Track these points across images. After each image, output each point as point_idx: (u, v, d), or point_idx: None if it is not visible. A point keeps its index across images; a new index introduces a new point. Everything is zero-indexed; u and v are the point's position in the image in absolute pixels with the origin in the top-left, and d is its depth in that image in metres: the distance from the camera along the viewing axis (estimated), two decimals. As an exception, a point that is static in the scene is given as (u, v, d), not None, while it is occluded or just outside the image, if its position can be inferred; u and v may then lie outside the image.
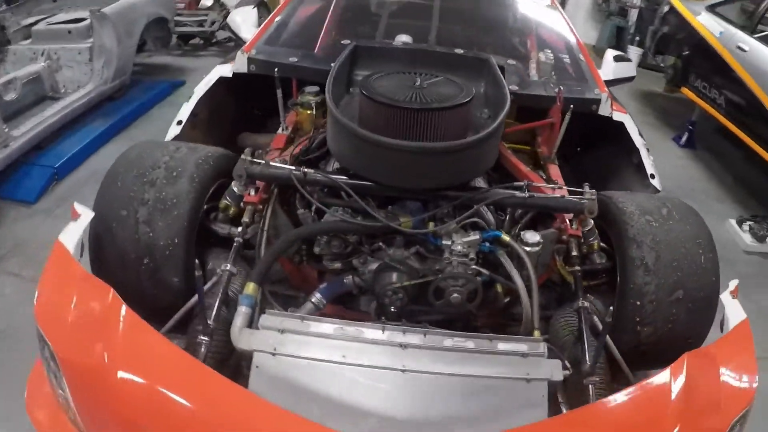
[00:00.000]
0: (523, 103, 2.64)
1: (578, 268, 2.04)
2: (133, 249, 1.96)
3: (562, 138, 2.56)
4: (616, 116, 2.81)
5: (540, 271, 2.08)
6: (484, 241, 1.95)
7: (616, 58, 3.19)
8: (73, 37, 4.63)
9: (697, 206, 2.30)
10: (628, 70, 3.22)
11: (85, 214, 1.81)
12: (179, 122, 2.72)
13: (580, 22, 8.01)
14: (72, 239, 1.69)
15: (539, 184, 2.16)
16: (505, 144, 2.46)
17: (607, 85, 2.90)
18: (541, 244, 1.98)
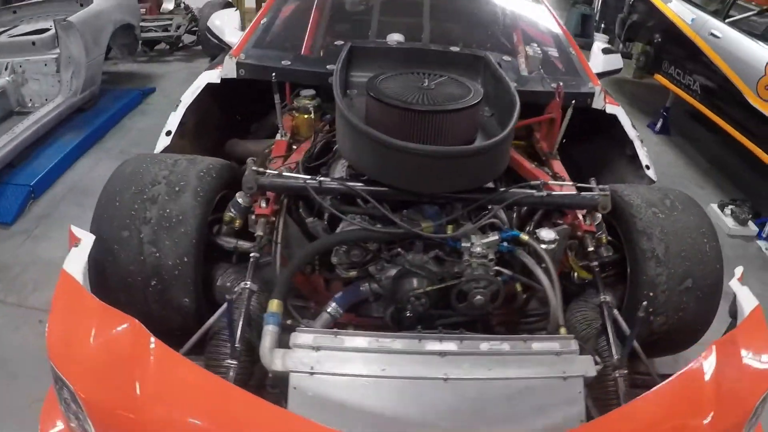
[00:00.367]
0: (522, 100, 2.63)
1: (596, 263, 2.06)
2: (139, 271, 1.88)
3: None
4: (609, 109, 2.85)
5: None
6: (503, 241, 1.94)
7: (605, 51, 3.22)
8: (37, 48, 4.41)
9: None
10: (616, 62, 3.26)
11: (86, 238, 1.71)
12: (168, 133, 2.60)
13: (546, 11, 8.08)
14: (78, 267, 1.59)
15: (552, 182, 2.17)
16: None
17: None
18: (557, 241, 1.99)
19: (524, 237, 1.95)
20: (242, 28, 3.32)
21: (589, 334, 1.94)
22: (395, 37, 2.75)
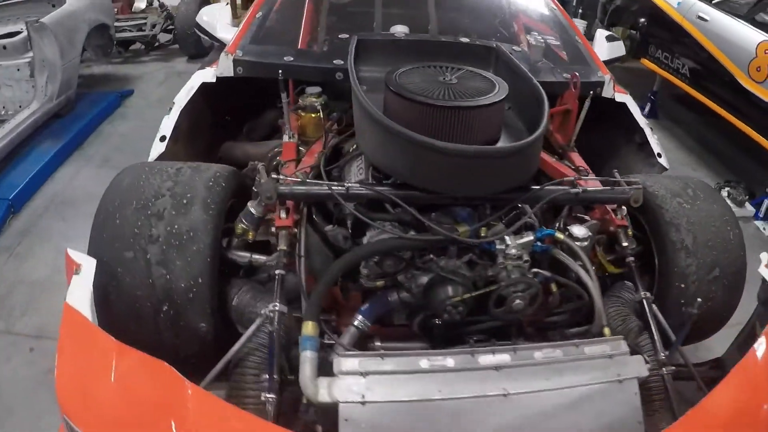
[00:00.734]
0: None
1: (632, 259, 2.01)
2: (148, 296, 1.73)
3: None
4: (619, 97, 2.81)
5: None
6: (537, 241, 1.86)
7: (608, 38, 3.16)
8: (9, 52, 4.19)
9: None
10: (619, 49, 3.22)
11: (87, 263, 1.55)
12: (162, 138, 2.44)
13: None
14: (83, 300, 1.43)
15: (585, 178, 2.12)
16: None
17: None
18: (590, 238, 1.93)
19: (560, 235, 1.88)
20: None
21: (625, 329, 1.89)
22: (399, 29, 2.63)
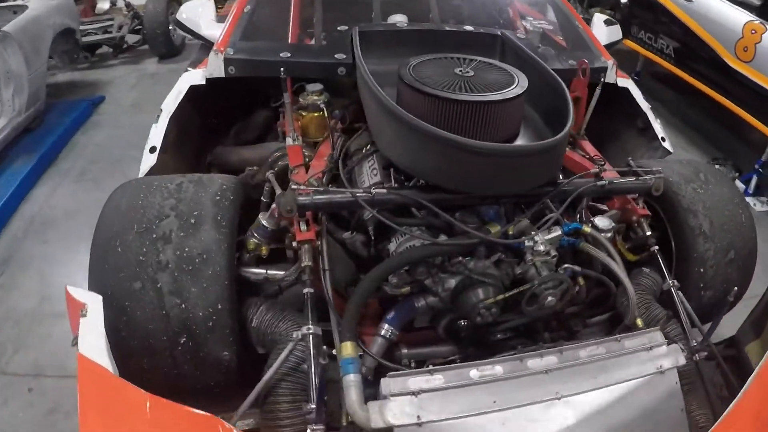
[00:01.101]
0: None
1: (657, 248, 2.02)
2: (163, 330, 1.60)
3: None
4: (621, 82, 2.78)
5: None
6: (565, 235, 1.83)
7: (606, 23, 3.10)
8: (-30, 65, 3.92)
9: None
10: (617, 33, 3.16)
11: (93, 302, 1.40)
12: (152, 149, 2.27)
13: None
14: (98, 348, 1.29)
15: (608, 169, 2.09)
16: None
17: None
18: (613, 228, 1.93)
19: (587, 229, 1.86)
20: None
21: (650, 317, 1.90)
22: (398, 18, 2.51)
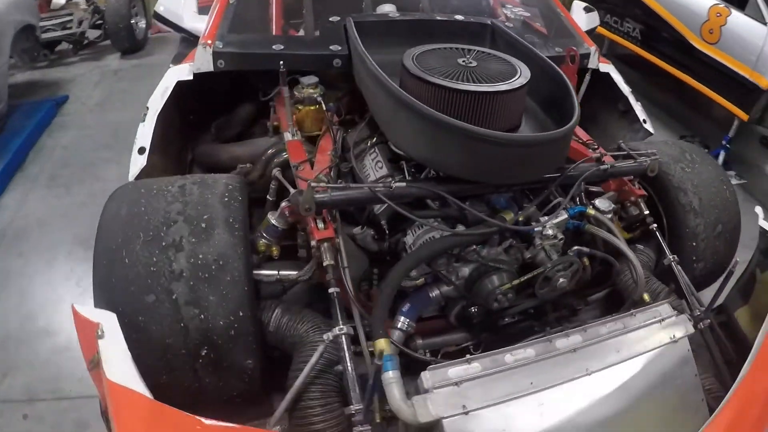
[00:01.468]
0: None
1: (656, 225, 2.13)
2: (182, 343, 1.54)
3: None
4: (603, 68, 2.83)
5: None
6: (571, 219, 1.91)
7: (586, 9, 3.16)
8: (-74, 68, 3.74)
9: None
10: (595, 19, 3.22)
11: (108, 320, 1.34)
12: (141, 150, 2.18)
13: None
14: (128, 373, 1.24)
15: (607, 153, 2.17)
16: None
17: None
18: (613, 210, 2.01)
19: (591, 211, 1.95)
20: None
21: (650, 291, 2.00)
22: (387, 8, 2.52)
